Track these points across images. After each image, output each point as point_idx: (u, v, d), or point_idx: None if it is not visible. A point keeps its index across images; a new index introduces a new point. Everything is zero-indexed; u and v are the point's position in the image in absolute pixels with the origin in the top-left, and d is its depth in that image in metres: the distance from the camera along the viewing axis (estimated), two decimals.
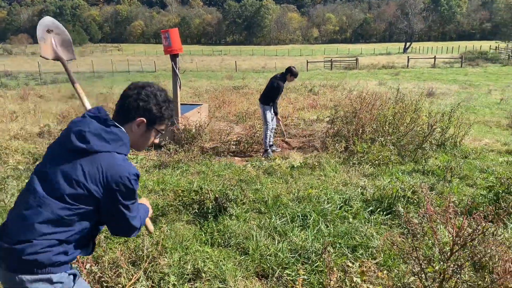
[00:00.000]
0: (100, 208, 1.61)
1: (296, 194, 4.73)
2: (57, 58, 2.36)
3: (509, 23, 49.90)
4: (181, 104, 7.81)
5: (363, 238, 3.57)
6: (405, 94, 10.19)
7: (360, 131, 6.71)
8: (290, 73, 6.83)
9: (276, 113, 7.04)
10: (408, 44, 70.47)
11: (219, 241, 3.67)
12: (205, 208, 4.13)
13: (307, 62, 37.08)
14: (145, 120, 1.70)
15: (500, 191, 3.82)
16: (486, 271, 2.72)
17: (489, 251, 2.54)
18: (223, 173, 5.76)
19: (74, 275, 1.66)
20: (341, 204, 4.34)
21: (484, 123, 10.14)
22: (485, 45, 59.42)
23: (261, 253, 3.39)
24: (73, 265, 1.73)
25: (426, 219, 2.44)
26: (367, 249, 3.41)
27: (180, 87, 7.32)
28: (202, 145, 7.22)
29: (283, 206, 4.36)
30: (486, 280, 2.54)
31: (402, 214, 3.60)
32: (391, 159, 5.80)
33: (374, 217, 4.03)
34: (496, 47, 53.12)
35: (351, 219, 3.97)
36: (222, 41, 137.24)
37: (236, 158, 6.89)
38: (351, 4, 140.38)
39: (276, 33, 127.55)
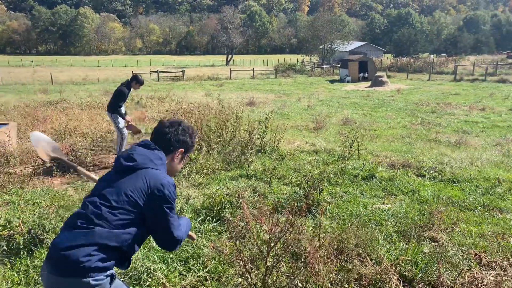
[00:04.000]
0: (146, 216, 1.84)
1: None
2: (53, 158, 2.79)
3: (309, 39, 57.65)
4: None
5: (194, 249, 3.63)
6: (229, 104, 10.83)
7: None
8: (135, 80, 6.93)
9: (124, 115, 6.93)
10: (230, 56, 75.17)
11: (36, 278, 3.23)
12: (15, 244, 3.60)
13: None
14: (183, 150, 2.11)
15: (307, 187, 4.38)
16: (301, 259, 3.08)
17: (301, 241, 2.87)
18: (39, 200, 5.11)
19: (112, 276, 1.78)
20: None
21: (296, 127, 11.53)
22: (294, 58, 67.87)
23: None
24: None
25: (244, 222, 2.62)
26: (198, 258, 3.48)
27: None
28: (9, 170, 6.26)
29: None
30: (300, 267, 2.87)
31: (228, 219, 3.79)
32: (217, 167, 6.07)
33: (204, 225, 4.15)
34: (302, 60, 61.09)
35: None
36: (33, 51, 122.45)
37: (55, 181, 6.19)
38: (173, 16, 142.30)
39: (97, 43, 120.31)
